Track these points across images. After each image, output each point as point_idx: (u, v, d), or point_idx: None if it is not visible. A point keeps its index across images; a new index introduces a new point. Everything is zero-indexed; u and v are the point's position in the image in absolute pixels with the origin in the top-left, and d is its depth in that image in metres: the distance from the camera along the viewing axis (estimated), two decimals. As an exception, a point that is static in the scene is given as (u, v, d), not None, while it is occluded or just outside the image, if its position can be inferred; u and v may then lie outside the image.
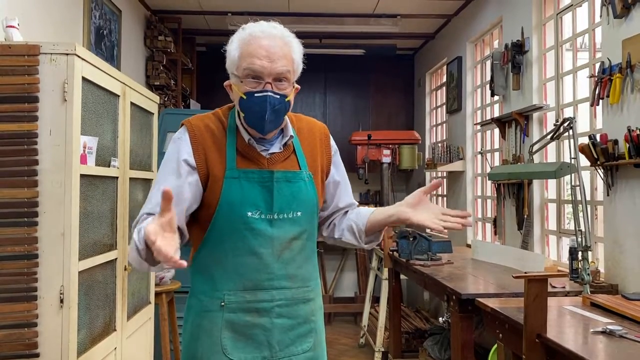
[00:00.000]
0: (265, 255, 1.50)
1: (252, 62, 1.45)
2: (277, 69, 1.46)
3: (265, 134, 1.51)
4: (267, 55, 1.45)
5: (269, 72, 1.45)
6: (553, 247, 3.72)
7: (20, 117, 2.12)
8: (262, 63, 1.45)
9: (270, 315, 1.52)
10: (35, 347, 2.11)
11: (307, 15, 5.37)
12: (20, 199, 2.11)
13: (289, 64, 1.48)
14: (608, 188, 2.88)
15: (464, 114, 5.14)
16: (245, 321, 1.51)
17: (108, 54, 4.23)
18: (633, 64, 2.68)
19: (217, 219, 1.49)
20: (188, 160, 1.50)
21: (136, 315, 2.98)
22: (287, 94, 1.49)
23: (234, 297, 1.51)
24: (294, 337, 1.56)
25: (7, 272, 2.10)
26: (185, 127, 1.55)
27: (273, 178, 1.51)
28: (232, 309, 1.51)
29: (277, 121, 1.50)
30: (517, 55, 3.91)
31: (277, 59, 1.45)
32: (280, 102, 1.47)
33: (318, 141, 1.65)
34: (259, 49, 1.45)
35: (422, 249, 3.70)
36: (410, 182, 6.84)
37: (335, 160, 1.69)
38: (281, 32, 1.50)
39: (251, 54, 1.45)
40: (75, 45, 2.16)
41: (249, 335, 1.52)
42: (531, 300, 1.90)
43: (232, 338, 1.51)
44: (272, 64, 1.45)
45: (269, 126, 1.49)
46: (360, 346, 5.32)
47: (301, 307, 1.57)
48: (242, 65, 1.47)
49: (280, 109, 1.48)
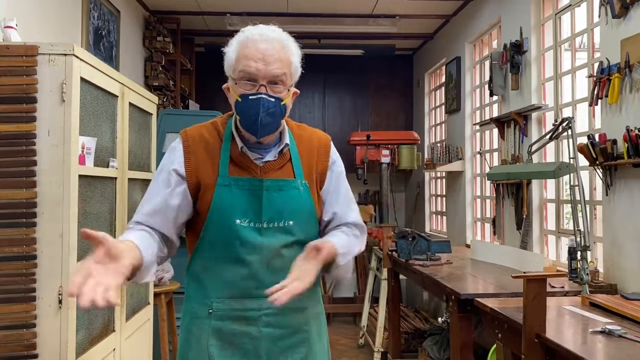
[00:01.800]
0: (253, 263, 1.49)
1: (248, 64, 1.45)
2: (271, 72, 1.45)
3: (260, 137, 1.49)
4: (262, 58, 1.44)
5: (263, 75, 1.45)
6: (552, 247, 3.72)
7: (18, 118, 2.12)
8: (257, 65, 1.44)
9: (258, 324, 1.51)
10: (33, 347, 2.11)
11: (305, 15, 5.37)
12: (19, 199, 2.11)
13: (284, 67, 1.47)
14: (607, 188, 2.88)
15: (462, 114, 5.14)
16: (232, 329, 1.51)
17: (107, 54, 4.23)
18: (632, 64, 2.68)
19: (208, 226, 1.50)
20: (178, 170, 1.52)
21: (135, 316, 2.97)
22: (283, 97, 1.48)
23: (221, 305, 1.51)
24: (283, 347, 1.54)
25: (5, 273, 2.09)
26: (181, 137, 1.56)
27: (263, 186, 1.51)
28: (220, 316, 1.51)
29: (272, 125, 1.48)
30: (516, 56, 3.91)
31: (272, 61, 1.45)
32: (274, 105, 1.46)
33: (316, 150, 1.62)
34: (255, 52, 1.44)
35: (421, 249, 3.70)
36: (409, 182, 6.85)
37: (334, 170, 1.64)
38: (279, 35, 1.50)
39: (247, 57, 1.45)
40: (73, 46, 2.16)
41: (236, 343, 1.51)
42: (530, 300, 1.90)
43: (218, 346, 1.51)
44: (267, 67, 1.44)
45: (263, 130, 1.48)
46: (360, 346, 5.31)
47: (292, 317, 1.54)
48: (238, 68, 1.46)
49: (275, 112, 1.47)
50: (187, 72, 5.89)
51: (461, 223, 5.12)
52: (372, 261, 5.25)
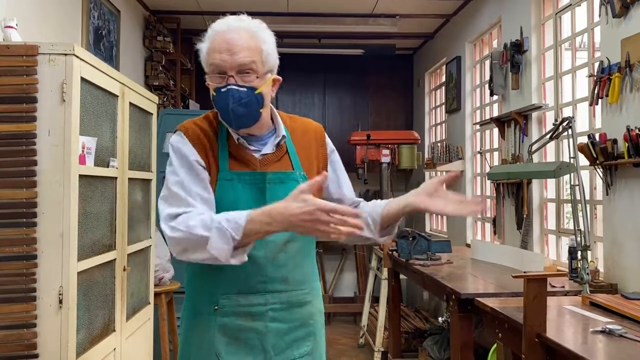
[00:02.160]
0: (259, 258, 1.48)
1: (214, 57, 1.44)
2: (237, 60, 1.43)
3: (237, 128, 1.49)
4: (228, 49, 1.43)
5: (230, 65, 1.43)
6: (552, 247, 3.72)
7: (18, 118, 2.12)
8: (222, 56, 1.43)
9: (264, 319, 1.51)
10: (34, 347, 2.11)
11: (305, 15, 5.37)
12: (19, 199, 2.11)
13: (253, 55, 1.45)
14: (607, 187, 2.88)
15: (463, 113, 5.14)
16: (238, 325, 1.50)
17: (107, 54, 4.23)
18: (632, 64, 2.68)
19: None
20: (199, 161, 1.49)
21: (135, 316, 2.97)
22: (255, 86, 1.46)
23: (227, 301, 1.50)
24: (290, 341, 1.54)
25: (5, 273, 2.09)
26: (181, 132, 1.53)
27: (266, 180, 1.50)
28: (225, 312, 1.50)
29: (248, 115, 1.46)
30: (516, 55, 3.91)
31: (238, 50, 1.43)
32: (247, 95, 1.44)
33: (313, 141, 1.63)
34: (222, 43, 1.44)
35: (421, 249, 3.70)
36: (409, 182, 6.84)
37: (332, 159, 1.67)
38: (247, 24, 1.48)
39: (214, 49, 1.45)
40: (73, 46, 2.16)
41: (242, 339, 1.51)
42: (530, 299, 1.90)
43: (225, 342, 1.50)
44: (233, 57, 1.43)
45: (239, 121, 1.46)
46: (360, 346, 5.31)
47: (297, 311, 1.55)
48: (208, 61, 1.46)
49: (249, 102, 1.45)
50: (188, 71, 5.89)
51: (461, 223, 5.12)
52: (373, 261, 5.25)
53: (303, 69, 6.38)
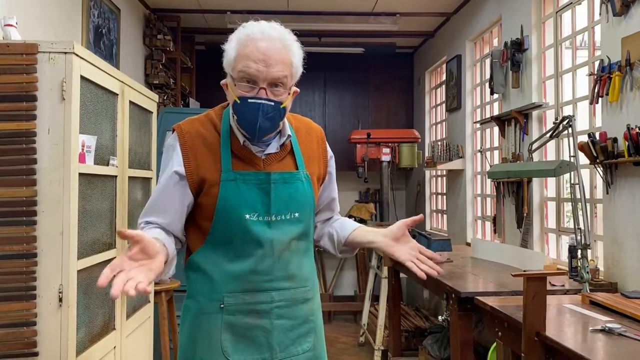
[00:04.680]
0: (264, 257, 1.49)
1: (248, 65, 1.41)
2: (272, 74, 1.41)
3: (258, 139, 1.49)
4: (263, 59, 1.40)
5: (264, 77, 1.41)
6: (552, 246, 3.72)
7: (18, 116, 2.12)
8: (258, 67, 1.40)
9: (270, 317, 1.52)
10: (34, 346, 2.11)
11: (306, 13, 5.37)
12: (19, 198, 2.11)
13: (286, 69, 1.43)
14: (607, 186, 2.87)
15: (463, 112, 5.14)
16: (245, 323, 1.51)
17: (107, 52, 4.22)
18: (632, 62, 2.68)
19: (216, 222, 1.48)
20: (178, 171, 1.49)
21: (135, 314, 2.97)
22: (282, 100, 1.45)
23: (233, 299, 1.50)
24: (294, 337, 1.55)
25: (5, 271, 2.10)
26: (176, 133, 1.52)
27: (270, 180, 1.50)
28: (232, 310, 1.50)
29: (271, 127, 1.47)
30: (517, 54, 3.90)
31: (273, 63, 1.40)
32: (274, 109, 1.43)
33: (316, 144, 1.64)
34: (256, 52, 1.40)
35: (421, 248, 3.69)
36: (409, 180, 6.84)
37: (330, 166, 1.68)
38: (281, 34, 1.45)
39: (247, 56, 1.41)
40: (73, 44, 2.15)
41: (249, 337, 1.51)
42: (530, 298, 1.90)
43: (232, 340, 1.50)
44: (268, 69, 1.40)
45: (262, 133, 1.46)
46: (360, 345, 5.32)
47: (300, 307, 1.57)
48: (238, 67, 1.43)
49: (275, 116, 1.45)
50: (188, 70, 5.88)
51: (462, 221, 5.12)
52: (373, 259, 5.25)
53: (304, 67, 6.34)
